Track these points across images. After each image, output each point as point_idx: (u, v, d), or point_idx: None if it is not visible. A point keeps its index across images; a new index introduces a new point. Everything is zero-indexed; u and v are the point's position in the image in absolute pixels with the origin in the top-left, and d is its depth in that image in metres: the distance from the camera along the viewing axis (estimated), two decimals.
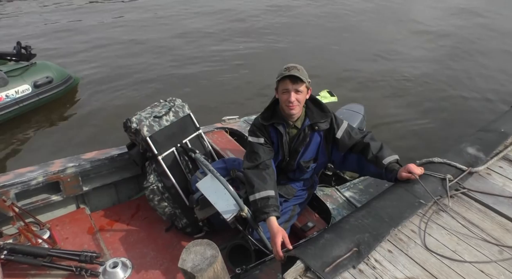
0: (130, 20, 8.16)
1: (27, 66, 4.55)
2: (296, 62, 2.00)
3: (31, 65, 4.59)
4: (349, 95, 5.14)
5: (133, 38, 7.22)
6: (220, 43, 7.15)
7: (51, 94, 4.70)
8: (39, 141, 4.36)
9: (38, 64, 4.69)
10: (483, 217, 1.82)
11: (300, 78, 1.87)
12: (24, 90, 4.38)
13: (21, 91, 4.35)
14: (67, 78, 4.94)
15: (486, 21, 9.14)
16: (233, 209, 1.87)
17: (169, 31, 7.61)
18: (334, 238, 1.63)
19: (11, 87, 4.26)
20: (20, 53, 4.57)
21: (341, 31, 8.17)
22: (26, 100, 4.42)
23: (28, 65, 4.57)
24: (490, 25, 8.79)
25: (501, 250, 1.64)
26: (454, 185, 1.96)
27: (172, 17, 8.58)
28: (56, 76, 4.75)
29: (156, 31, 7.64)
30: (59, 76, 4.80)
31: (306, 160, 2.14)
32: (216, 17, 8.60)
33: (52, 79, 4.69)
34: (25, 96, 4.40)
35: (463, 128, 4.66)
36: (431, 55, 7.12)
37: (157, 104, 2.52)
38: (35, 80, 4.50)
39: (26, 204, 2.34)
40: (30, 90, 4.44)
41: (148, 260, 2.25)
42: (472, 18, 9.40)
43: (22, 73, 4.44)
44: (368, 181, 2.59)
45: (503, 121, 2.58)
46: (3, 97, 4.19)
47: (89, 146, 3.18)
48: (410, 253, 1.62)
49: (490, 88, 5.90)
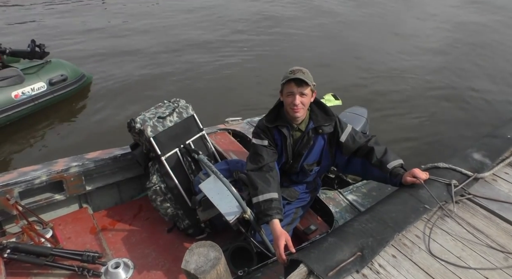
0: (138, 23, 8.21)
1: (42, 64, 4.59)
2: (302, 65, 2.00)
3: (46, 63, 4.63)
4: (353, 97, 5.13)
5: (145, 39, 7.30)
6: (226, 45, 7.18)
7: (65, 92, 4.76)
8: (52, 138, 4.39)
9: (53, 62, 4.74)
10: (488, 223, 1.81)
11: (305, 81, 1.87)
12: (39, 88, 4.43)
13: (36, 88, 4.40)
14: (80, 76, 4.99)
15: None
16: (235, 211, 1.86)
17: (176, 33, 7.65)
18: (337, 242, 1.61)
19: (27, 85, 4.31)
20: (34, 51, 4.60)
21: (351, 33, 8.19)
22: (42, 98, 4.47)
23: (43, 63, 4.61)
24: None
25: (507, 257, 1.63)
26: (460, 191, 1.95)
27: (176, 17, 8.62)
28: (70, 74, 4.81)
29: (169, 32, 7.68)
30: (73, 74, 4.86)
31: (310, 163, 2.13)
32: (218, 20, 8.63)
33: (67, 77, 4.73)
34: (41, 94, 4.45)
35: (469, 133, 4.64)
36: (437, 52, 7.11)
37: (161, 105, 2.52)
38: (50, 78, 4.54)
39: (29, 203, 2.34)
40: (45, 87, 4.49)
41: (150, 261, 2.25)
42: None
43: (37, 71, 4.49)
44: (371, 185, 2.58)
45: (509, 128, 2.57)
46: (19, 94, 4.24)
47: (101, 144, 3.16)
48: (414, 259, 1.61)
49: (499, 90, 5.87)
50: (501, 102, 5.58)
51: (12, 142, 4.26)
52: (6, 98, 4.13)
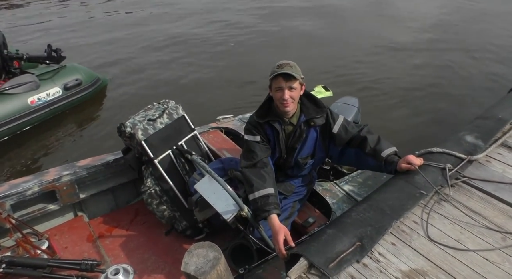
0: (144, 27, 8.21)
1: (57, 69, 4.66)
2: (290, 57, 1.97)
3: (61, 68, 4.70)
4: (344, 89, 5.13)
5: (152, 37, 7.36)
6: (211, 39, 7.19)
7: (80, 96, 4.81)
8: (68, 142, 4.42)
9: (68, 66, 4.80)
10: (484, 204, 1.82)
11: (293, 75, 1.85)
12: (55, 93, 4.49)
13: (52, 94, 4.47)
14: (95, 80, 5.03)
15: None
16: (232, 209, 1.85)
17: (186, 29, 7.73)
18: (336, 233, 1.61)
19: (43, 90, 4.37)
20: (51, 56, 4.70)
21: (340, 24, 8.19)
22: (57, 103, 4.53)
23: (58, 68, 4.68)
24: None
25: (504, 236, 1.64)
26: (454, 174, 1.95)
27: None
28: (85, 78, 4.86)
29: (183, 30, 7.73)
30: (88, 78, 4.91)
31: (304, 156, 2.12)
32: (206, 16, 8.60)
33: (81, 81, 4.79)
34: (56, 99, 4.52)
35: (461, 115, 4.66)
36: (423, 45, 7.13)
37: (150, 107, 2.49)
38: (65, 82, 4.61)
39: (22, 215, 2.30)
40: (61, 92, 4.56)
41: (150, 265, 2.23)
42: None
43: (52, 76, 4.55)
44: (366, 174, 2.58)
45: (500, 108, 2.58)
46: (35, 100, 4.30)
47: (118, 146, 3.19)
48: (413, 245, 1.61)
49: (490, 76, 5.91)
50: (490, 80, 5.63)
51: (28, 147, 4.30)
52: (23, 105, 4.19)
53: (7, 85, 4.15)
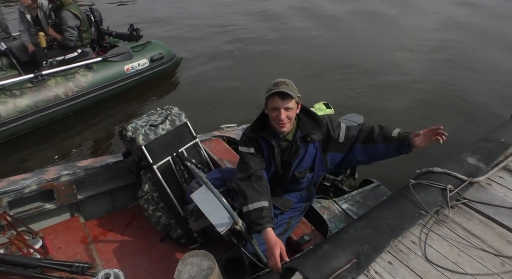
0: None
1: (145, 43, 5.42)
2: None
3: (148, 43, 5.44)
4: (348, 97, 5.14)
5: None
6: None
7: (162, 68, 5.54)
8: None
9: (153, 42, 5.53)
10: (484, 228, 1.80)
11: (290, 94, 1.83)
12: (143, 64, 5.23)
13: (141, 64, 5.21)
14: (172, 56, 5.75)
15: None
16: (227, 222, 1.81)
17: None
18: (333, 249, 1.59)
19: (135, 61, 5.13)
20: (132, 34, 5.37)
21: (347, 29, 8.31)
22: (145, 72, 5.27)
23: (146, 43, 5.43)
24: None
25: (503, 262, 1.61)
26: (455, 195, 1.94)
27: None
28: (166, 54, 5.58)
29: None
30: (168, 54, 5.64)
31: (301, 170, 2.09)
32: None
33: (163, 55, 5.50)
34: (144, 69, 5.25)
35: (464, 137, 4.62)
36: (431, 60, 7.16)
37: (153, 113, 2.50)
38: (151, 55, 5.33)
39: (18, 212, 2.28)
40: (148, 64, 5.28)
41: (141, 271, 2.20)
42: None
43: (142, 49, 5.29)
44: (366, 193, 2.56)
45: (503, 131, 2.57)
46: (130, 68, 5.07)
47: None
48: (410, 265, 1.59)
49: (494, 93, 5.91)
50: (495, 105, 5.60)
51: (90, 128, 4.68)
52: (120, 71, 4.96)
53: (109, 54, 4.95)
